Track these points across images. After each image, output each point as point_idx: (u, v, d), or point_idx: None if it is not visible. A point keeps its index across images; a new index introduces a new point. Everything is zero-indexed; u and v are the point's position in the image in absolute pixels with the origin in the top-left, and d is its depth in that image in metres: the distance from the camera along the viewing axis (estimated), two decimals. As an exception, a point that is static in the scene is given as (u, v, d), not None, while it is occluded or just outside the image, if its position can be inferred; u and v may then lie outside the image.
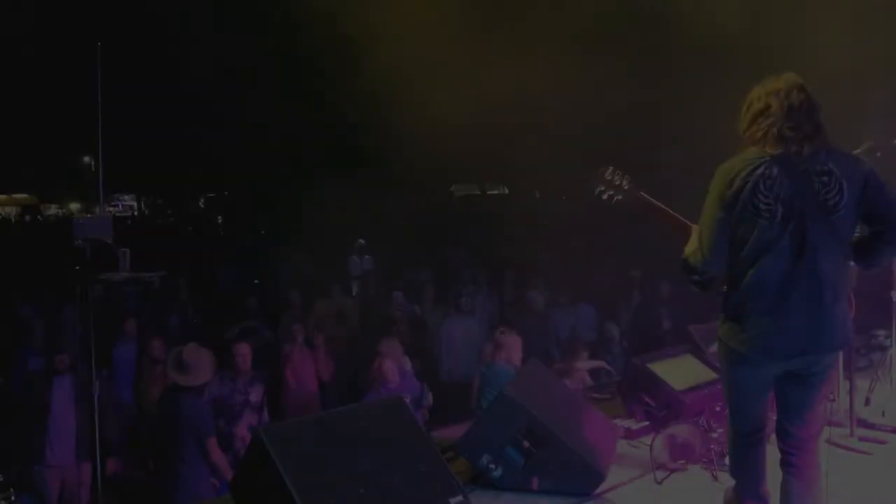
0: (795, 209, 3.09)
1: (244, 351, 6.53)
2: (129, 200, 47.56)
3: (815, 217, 3.09)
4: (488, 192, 30.57)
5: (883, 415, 5.31)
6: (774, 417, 3.41)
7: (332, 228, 16.04)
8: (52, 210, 48.02)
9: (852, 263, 3.26)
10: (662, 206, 3.55)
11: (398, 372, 6.41)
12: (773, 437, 3.45)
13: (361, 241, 13.57)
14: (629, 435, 5.13)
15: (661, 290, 9.85)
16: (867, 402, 5.66)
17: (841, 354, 5.23)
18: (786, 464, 3.31)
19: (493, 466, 4.25)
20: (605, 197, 3.67)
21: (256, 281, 12.58)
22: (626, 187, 3.64)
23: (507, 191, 30.23)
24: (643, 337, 8.80)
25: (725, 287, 3.26)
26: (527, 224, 16.26)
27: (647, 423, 5.20)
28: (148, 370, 7.78)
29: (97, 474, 5.26)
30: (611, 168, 3.68)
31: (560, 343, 8.62)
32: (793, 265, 3.08)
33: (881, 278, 6.33)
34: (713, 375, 5.15)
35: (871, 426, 5.15)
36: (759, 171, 3.11)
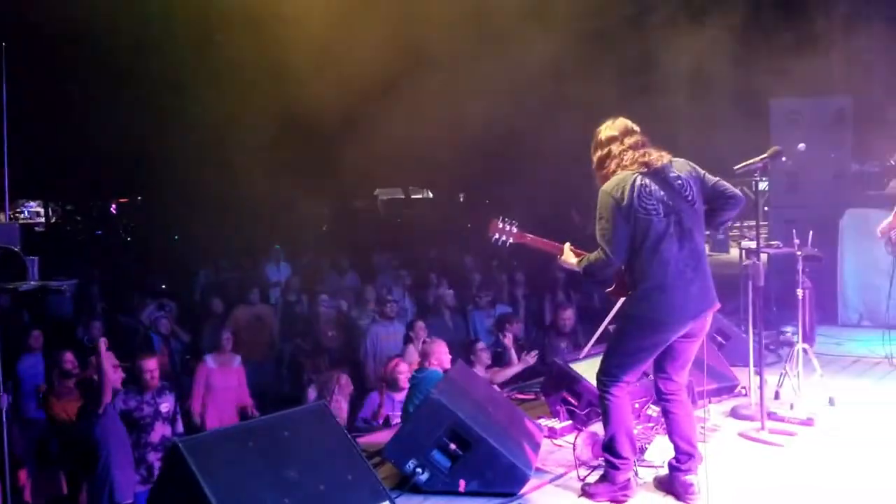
0: (672, 206, 4.02)
1: (151, 366, 6.33)
2: (35, 207, 45.49)
3: (684, 209, 4.04)
4: (413, 196, 30.51)
5: (791, 408, 5.53)
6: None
7: (251, 234, 15.78)
8: (-48, 218, 45.54)
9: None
10: (544, 240, 4.44)
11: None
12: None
13: (277, 247, 13.33)
14: (553, 434, 5.20)
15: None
16: (776, 396, 5.90)
17: (751, 350, 5.48)
18: (668, 401, 4.19)
19: (419, 470, 4.24)
20: (499, 244, 4.51)
21: (164, 286, 12.22)
22: (514, 232, 4.49)
23: (430, 195, 30.27)
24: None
25: (628, 274, 4.06)
26: (450, 228, 16.38)
27: (570, 421, 5.29)
28: (58, 384, 7.44)
29: (6, 491, 5.00)
30: (501, 218, 4.52)
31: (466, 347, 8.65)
32: (680, 246, 4.00)
33: (788, 277, 6.64)
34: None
35: (781, 419, 5.34)
36: (638, 183, 4.02)
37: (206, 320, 9.88)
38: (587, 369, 5.26)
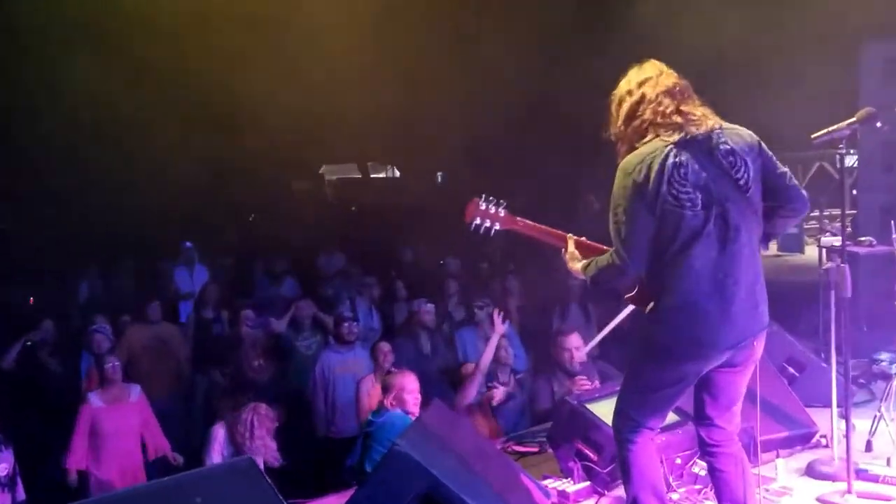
0: (714, 193, 3.95)
1: None
2: None
3: (733, 198, 3.97)
4: (372, 175, 30.45)
5: (889, 464, 5.55)
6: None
7: (151, 228, 15.70)
8: None
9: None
10: (544, 228, 4.50)
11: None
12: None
13: (188, 245, 13.22)
14: (565, 500, 5.20)
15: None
16: (868, 446, 5.94)
17: (834, 385, 5.51)
18: (714, 454, 4.22)
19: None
20: (481, 231, 4.55)
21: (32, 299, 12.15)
22: (501, 215, 4.52)
23: (396, 173, 30.22)
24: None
25: (648, 283, 4.08)
26: (426, 218, 16.34)
27: (587, 482, 5.29)
28: None
29: None
30: (483, 197, 4.54)
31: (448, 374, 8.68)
32: (721, 249, 3.94)
33: (884, 286, 6.69)
34: (675, 417, 5.30)
35: (875, 479, 5.35)
36: (669, 161, 3.93)
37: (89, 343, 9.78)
38: (610, 411, 5.28)
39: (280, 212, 20.26)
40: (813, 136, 5.03)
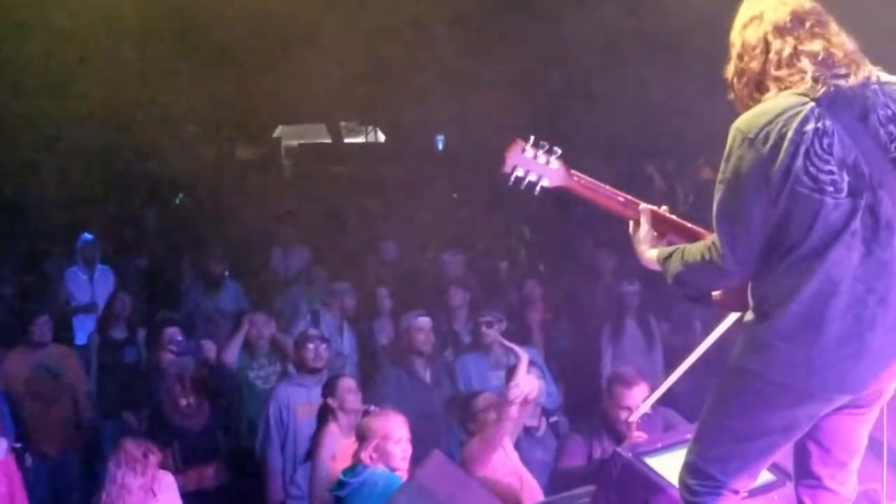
0: (865, 176, 3.79)
1: None
2: None
3: (888, 183, 3.81)
4: (347, 140, 30.44)
5: None
6: None
7: (34, 219, 15.79)
8: None
9: None
10: (610, 190, 4.45)
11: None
12: None
13: (87, 237, 13.13)
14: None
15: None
16: None
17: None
18: None
19: None
20: (523, 185, 4.43)
21: None
22: (554, 168, 4.41)
23: (381, 137, 30.22)
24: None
25: (755, 288, 3.97)
26: (420, 198, 16.40)
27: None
28: None
29: None
30: (531, 141, 4.41)
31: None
32: (865, 256, 3.80)
33: None
34: (769, 476, 5.30)
35: None
36: (810, 126, 3.75)
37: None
38: (677, 468, 5.28)
39: (218, 191, 20.23)
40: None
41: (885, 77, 3.96)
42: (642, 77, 16.98)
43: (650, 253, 4.28)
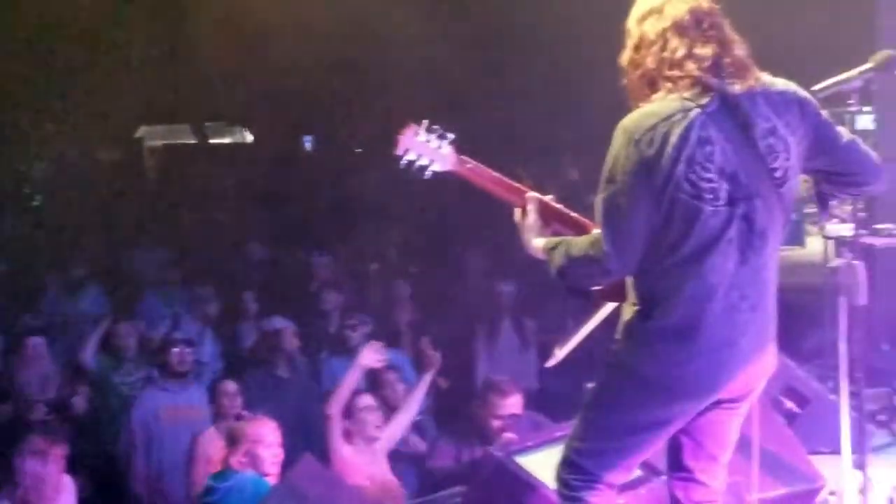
0: (742, 185, 3.91)
1: None
2: None
3: (763, 193, 3.95)
4: (211, 141, 30.15)
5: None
6: None
7: None
8: None
9: None
10: (500, 177, 4.47)
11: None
12: None
13: None
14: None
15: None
16: (892, 505, 6.12)
17: (845, 424, 5.66)
18: None
19: None
20: (414, 169, 4.46)
21: None
22: (445, 153, 4.45)
23: (248, 138, 29.96)
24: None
25: (637, 287, 4.07)
26: (287, 198, 16.34)
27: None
28: None
29: None
30: (424, 125, 4.46)
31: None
32: (740, 263, 3.95)
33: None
34: (636, 472, 5.38)
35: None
36: (694, 133, 3.85)
37: None
38: (549, 466, 5.34)
39: (78, 192, 19.93)
40: (815, 87, 5.16)
41: (770, 81, 4.07)
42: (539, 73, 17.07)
43: (536, 241, 4.28)
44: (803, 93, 4.13)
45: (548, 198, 4.44)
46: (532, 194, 4.37)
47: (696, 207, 3.85)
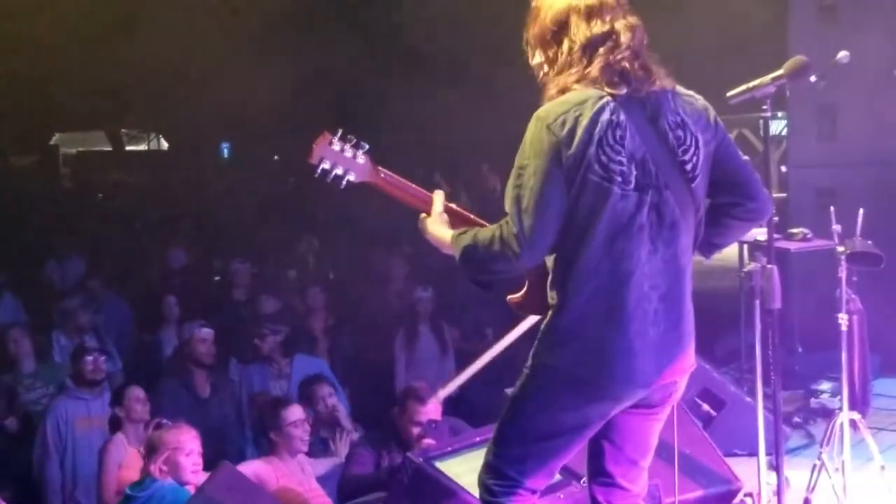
0: (651, 173, 3.93)
1: None
2: None
3: (674, 186, 3.96)
4: (128, 148, 29.96)
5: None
6: None
7: None
8: None
9: None
10: (412, 186, 4.45)
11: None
12: None
13: None
14: None
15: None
16: (806, 505, 6.20)
17: (761, 427, 5.73)
18: None
19: None
20: (329, 179, 4.41)
21: None
22: (360, 162, 4.43)
23: (165, 145, 29.83)
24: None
25: (552, 284, 4.03)
26: (205, 206, 16.25)
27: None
28: None
29: None
30: (339, 134, 4.41)
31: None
32: (651, 252, 3.96)
33: (824, 293, 6.95)
34: (556, 476, 5.42)
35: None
36: (605, 116, 3.87)
37: None
38: (469, 470, 5.36)
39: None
40: (728, 93, 5.22)
41: (680, 88, 4.09)
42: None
43: (443, 233, 4.25)
44: (710, 108, 4.15)
45: (451, 205, 4.43)
46: (439, 193, 4.38)
47: (606, 189, 3.85)
